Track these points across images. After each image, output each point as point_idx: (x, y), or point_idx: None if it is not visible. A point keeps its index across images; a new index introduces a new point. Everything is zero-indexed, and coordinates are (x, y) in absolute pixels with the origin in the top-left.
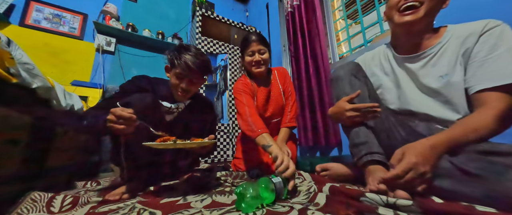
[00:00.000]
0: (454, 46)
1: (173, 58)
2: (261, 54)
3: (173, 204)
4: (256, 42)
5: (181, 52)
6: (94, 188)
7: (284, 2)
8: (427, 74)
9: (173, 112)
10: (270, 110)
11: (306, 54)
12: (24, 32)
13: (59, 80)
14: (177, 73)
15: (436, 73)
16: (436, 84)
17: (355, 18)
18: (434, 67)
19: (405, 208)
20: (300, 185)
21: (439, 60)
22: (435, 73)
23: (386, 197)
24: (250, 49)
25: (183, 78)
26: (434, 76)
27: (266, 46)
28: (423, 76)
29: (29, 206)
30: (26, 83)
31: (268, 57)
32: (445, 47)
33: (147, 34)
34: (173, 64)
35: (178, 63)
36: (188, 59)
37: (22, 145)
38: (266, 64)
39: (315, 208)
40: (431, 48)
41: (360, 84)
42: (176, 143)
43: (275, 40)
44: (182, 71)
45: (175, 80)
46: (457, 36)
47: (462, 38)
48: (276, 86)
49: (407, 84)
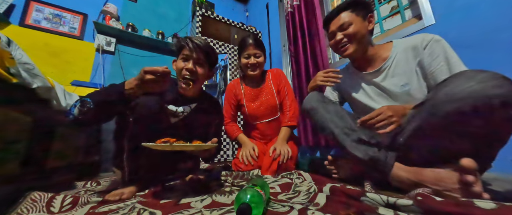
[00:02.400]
0: (405, 59)
1: (181, 41)
2: (257, 58)
3: (173, 204)
4: (252, 45)
5: (187, 38)
6: (94, 188)
7: (284, 2)
8: (390, 84)
9: (179, 115)
10: (262, 109)
11: (306, 54)
12: (24, 32)
13: (59, 80)
14: (184, 55)
15: (397, 83)
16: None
17: None
18: (394, 78)
19: (405, 208)
20: (300, 185)
21: (395, 71)
22: (396, 82)
23: (387, 197)
24: (247, 52)
25: (189, 59)
26: (396, 85)
27: (262, 50)
28: (386, 87)
29: (29, 206)
30: (26, 83)
31: (263, 60)
32: (396, 59)
33: (147, 34)
34: (179, 49)
35: (186, 42)
36: (194, 39)
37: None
38: (260, 67)
39: (315, 208)
40: (386, 62)
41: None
42: (173, 145)
43: (275, 40)
44: (189, 51)
45: (181, 64)
46: (403, 49)
47: (410, 52)
48: (268, 86)
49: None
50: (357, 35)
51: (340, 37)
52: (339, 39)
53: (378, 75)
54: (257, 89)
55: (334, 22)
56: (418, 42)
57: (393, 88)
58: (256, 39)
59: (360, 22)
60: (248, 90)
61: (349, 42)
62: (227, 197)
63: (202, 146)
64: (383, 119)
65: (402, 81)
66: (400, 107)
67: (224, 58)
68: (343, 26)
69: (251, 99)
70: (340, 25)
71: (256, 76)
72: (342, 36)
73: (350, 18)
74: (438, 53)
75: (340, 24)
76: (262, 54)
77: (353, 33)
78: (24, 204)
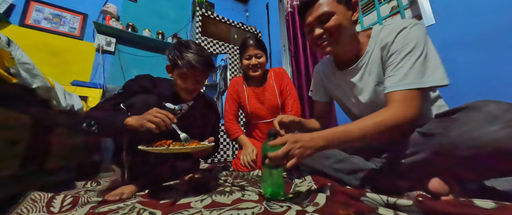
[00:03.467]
0: (379, 53)
1: (175, 57)
2: (258, 58)
3: (173, 204)
4: (253, 46)
5: (182, 51)
6: (94, 188)
7: (284, 2)
8: (367, 84)
9: (177, 113)
10: (264, 110)
11: (306, 54)
12: (24, 32)
13: (59, 80)
14: (181, 73)
15: (373, 82)
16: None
17: None
18: (371, 76)
19: (405, 208)
20: (300, 185)
21: (372, 68)
22: (372, 82)
23: (387, 197)
24: (248, 53)
25: (188, 78)
26: (372, 85)
27: (263, 50)
28: (363, 89)
29: (29, 206)
30: (26, 83)
31: (264, 61)
32: (373, 54)
33: (147, 34)
34: (176, 64)
35: (182, 63)
36: (191, 57)
37: (22, 145)
38: (262, 68)
39: (314, 208)
40: (362, 59)
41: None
42: (169, 148)
43: (275, 40)
44: (187, 71)
45: (180, 81)
46: (380, 41)
47: (383, 43)
48: (270, 86)
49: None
50: (339, 28)
51: (318, 32)
52: (318, 34)
53: (356, 74)
54: (260, 89)
55: (311, 12)
56: (392, 29)
57: (368, 89)
58: (256, 39)
59: (343, 11)
60: (250, 90)
61: (330, 37)
62: (227, 197)
63: (199, 147)
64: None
65: (376, 81)
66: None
67: (224, 58)
68: (322, 17)
69: (253, 99)
70: (319, 16)
71: (258, 77)
72: (321, 31)
73: (331, 6)
74: (402, 46)
75: (319, 15)
76: (263, 55)
77: (334, 26)
78: (24, 204)
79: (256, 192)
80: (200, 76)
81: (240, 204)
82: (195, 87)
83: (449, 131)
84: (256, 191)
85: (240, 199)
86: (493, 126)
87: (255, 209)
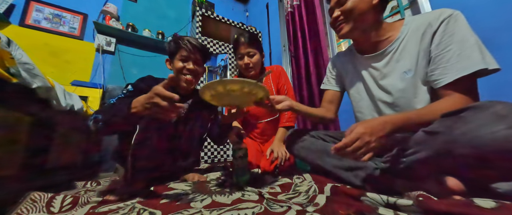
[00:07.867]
0: (415, 39)
1: (175, 43)
2: (250, 57)
3: (173, 204)
4: (244, 45)
5: (182, 38)
6: (94, 188)
7: (284, 2)
8: (392, 71)
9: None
10: (262, 109)
11: (306, 54)
12: (24, 32)
13: (59, 80)
14: (182, 56)
15: (400, 69)
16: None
17: None
18: (398, 63)
19: (405, 208)
20: (300, 185)
21: (402, 55)
22: (399, 69)
23: (387, 197)
24: (239, 52)
25: (188, 60)
26: (399, 72)
27: (256, 48)
28: (387, 75)
29: (29, 206)
30: (26, 83)
31: (258, 59)
32: (405, 41)
33: (147, 34)
34: (176, 50)
35: (183, 44)
36: (191, 40)
37: (21, 145)
38: (255, 67)
39: (314, 208)
40: (391, 45)
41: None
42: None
43: (275, 40)
44: (187, 52)
45: (180, 64)
46: (415, 29)
47: (421, 31)
48: (268, 85)
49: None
50: (354, 11)
51: (336, 14)
52: (335, 16)
53: (381, 60)
54: None
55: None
56: (433, 18)
57: (393, 76)
58: (249, 36)
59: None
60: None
61: (345, 19)
62: (227, 197)
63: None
64: (360, 146)
65: (406, 67)
66: (378, 126)
67: (224, 58)
68: (341, 1)
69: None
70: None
71: (254, 76)
72: (338, 13)
73: None
74: (452, 33)
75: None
76: (256, 52)
77: (349, 9)
78: (24, 204)
79: (256, 192)
80: (198, 60)
81: (240, 204)
82: (195, 70)
83: (453, 129)
84: (256, 191)
85: (240, 199)
86: (498, 126)
87: (255, 209)
